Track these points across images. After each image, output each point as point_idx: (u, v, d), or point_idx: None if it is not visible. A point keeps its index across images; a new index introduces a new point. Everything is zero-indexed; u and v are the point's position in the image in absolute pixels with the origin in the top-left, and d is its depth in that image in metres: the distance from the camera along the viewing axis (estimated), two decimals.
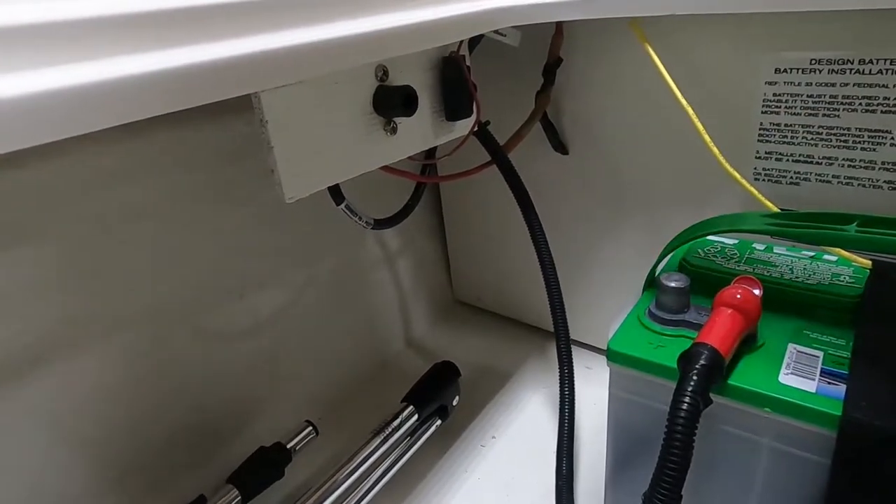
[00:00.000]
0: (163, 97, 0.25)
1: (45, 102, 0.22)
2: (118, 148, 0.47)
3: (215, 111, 0.53)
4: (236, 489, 0.52)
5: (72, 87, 0.22)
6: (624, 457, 0.44)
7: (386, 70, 0.40)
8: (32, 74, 0.22)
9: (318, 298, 0.69)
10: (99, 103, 0.23)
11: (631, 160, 0.62)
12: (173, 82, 0.26)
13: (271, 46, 0.29)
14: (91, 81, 0.23)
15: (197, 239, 0.54)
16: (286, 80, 0.32)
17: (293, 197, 0.36)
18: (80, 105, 0.23)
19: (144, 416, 0.53)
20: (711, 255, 0.46)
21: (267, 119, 0.33)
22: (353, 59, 0.34)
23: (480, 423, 0.68)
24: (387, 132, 0.41)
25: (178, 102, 0.26)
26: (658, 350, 0.38)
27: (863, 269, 0.43)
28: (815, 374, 0.35)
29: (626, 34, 0.52)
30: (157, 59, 0.25)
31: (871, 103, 0.47)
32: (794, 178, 0.52)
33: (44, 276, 0.44)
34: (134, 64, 0.24)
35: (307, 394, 0.69)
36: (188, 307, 0.55)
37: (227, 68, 0.28)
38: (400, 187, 0.68)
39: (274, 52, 0.29)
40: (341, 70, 0.35)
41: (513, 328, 0.85)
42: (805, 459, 0.34)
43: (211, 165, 0.54)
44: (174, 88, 0.26)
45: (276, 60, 0.30)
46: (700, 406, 0.32)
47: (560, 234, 0.68)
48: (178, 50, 0.27)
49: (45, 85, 0.22)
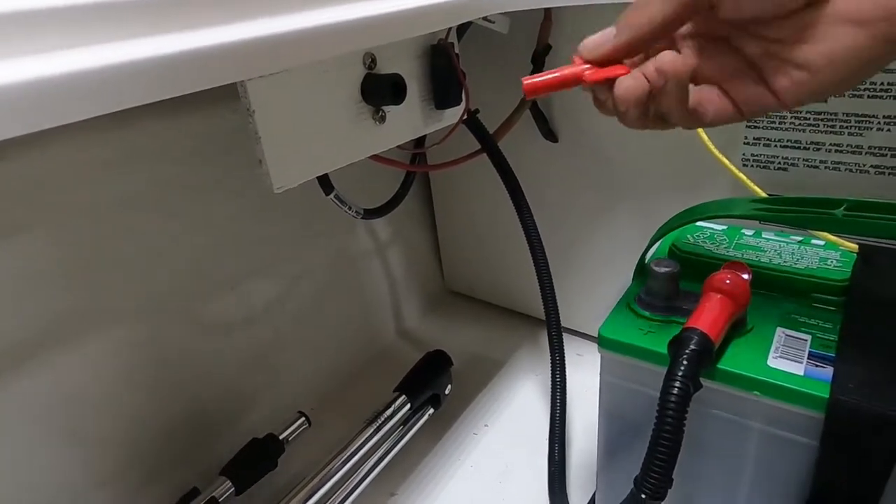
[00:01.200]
0: (148, 86, 0.25)
1: (28, 91, 0.21)
2: (108, 138, 0.47)
3: (207, 101, 0.52)
4: (229, 481, 0.52)
5: (54, 75, 0.22)
6: (615, 442, 0.44)
7: (374, 58, 0.40)
8: (15, 62, 0.22)
9: (310, 289, 0.69)
10: (82, 92, 0.23)
11: (620, 148, 0.62)
12: (158, 71, 0.25)
13: (258, 34, 0.29)
14: (74, 70, 0.22)
15: (189, 230, 0.54)
16: (273, 69, 0.31)
17: (281, 187, 0.36)
18: (63, 94, 0.22)
19: (138, 408, 0.52)
20: (701, 241, 0.46)
21: (254, 108, 0.33)
22: (341, 46, 0.34)
23: (473, 411, 0.68)
24: (375, 121, 0.41)
25: (163, 91, 0.26)
26: (648, 336, 0.39)
27: (850, 254, 0.43)
28: (803, 358, 0.35)
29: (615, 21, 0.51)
30: (141, 47, 0.25)
31: (857, 88, 0.47)
32: (782, 164, 0.53)
33: (35, 268, 0.44)
34: (118, 52, 0.24)
35: (299, 384, 0.69)
36: (181, 299, 0.55)
37: (212, 56, 0.27)
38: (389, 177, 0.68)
39: (261, 39, 0.29)
40: (329, 58, 0.35)
41: (504, 317, 0.85)
42: (794, 441, 0.34)
43: (202, 156, 0.54)
44: (159, 77, 0.25)
45: (262, 48, 0.29)
46: (690, 390, 0.32)
47: (550, 221, 0.68)
48: (164, 38, 0.26)
49: (28, 74, 0.21)
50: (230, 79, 0.29)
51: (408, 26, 0.38)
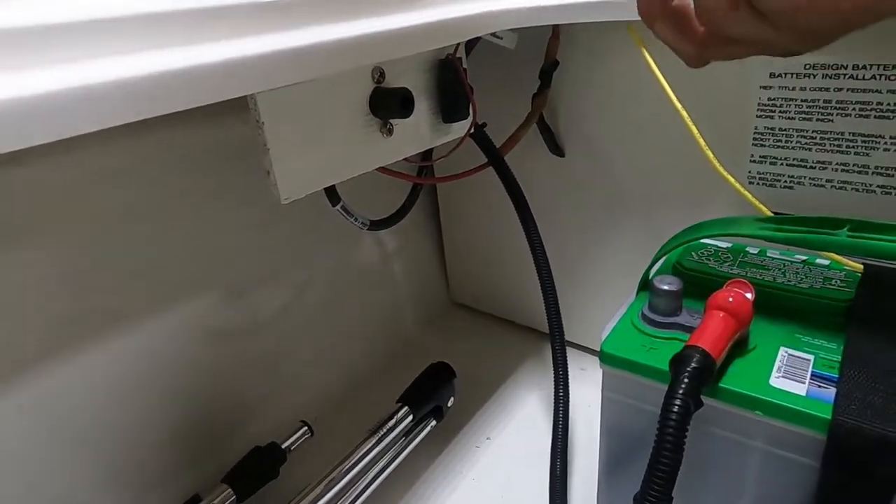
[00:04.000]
0: (159, 99, 0.26)
1: (45, 103, 0.22)
2: (118, 147, 0.47)
3: (215, 111, 0.53)
4: (231, 489, 0.52)
5: (70, 88, 0.22)
6: (616, 458, 0.44)
7: (383, 72, 0.40)
8: (33, 74, 0.22)
9: (315, 299, 0.69)
10: (96, 104, 0.23)
11: (626, 163, 0.62)
12: (170, 84, 0.26)
13: (268, 48, 0.29)
14: (89, 83, 0.23)
15: (195, 238, 0.55)
16: (283, 82, 0.32)
17: (288, 198, 0.36)
18: (78, 106, 0.23)
19: (141, 414, 0.53)
20: (705, 259, 0.46)
21: (263, 120, 0.33)
22: (350, 60, 0.35)
23: (475, 424, 0.68)
24: (383, 133, 0.42)
25: (174, 104, 0.26)
26: (650, 352, 0.39)
27: (854, 273, 0.43)
28: (806, 378, 0.35)
29: (623, 38, 0.52)
30: (153, 60, 0.25)
31: (864, 108, 0.47)
32: (788, 182, 0.53)
33: (45, 274, 0.44)
34: (130, 65, 0.24)
35: (303, 393, 0.69)
36: (186, 307, 0.55)
37: (223, 70, 0.28)
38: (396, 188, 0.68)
39: (271, 54, 0.30)
40: (338, 72, 0.35)
41: (508, 330, 0.85)
42: (795, 462, 0.34)
43: (210, 165, 0.54)
44: (171, 90, 0.26)
45: (272, 62, 0.30)
46: (691, 408, 0.32)
47: (555, 235, 0.69)
48: (175, 52, 0.27)
49: (45, 86, 0.22)
50: (241, 92, 0.30)
51: (417, 42, 0.38)
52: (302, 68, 0.32)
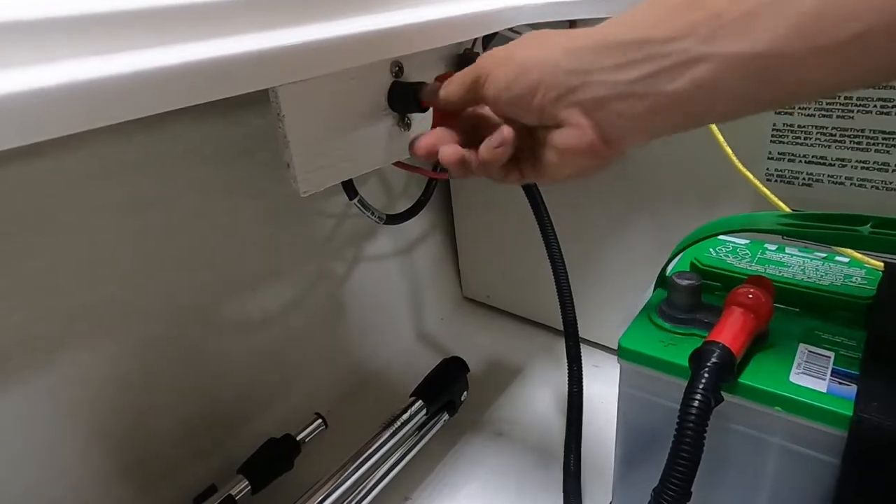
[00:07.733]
0: (183, 91, 0.26)
1: (68, 95, 0.22)
2: (135, 140, 0.48)
3: (232, 105, 0.53)
4: (246, 479, 0.52)
5: (94, 79, 0.23)
6: (633, 453, 0.44)
7: (401, 66, 0.40)
8: (58, 66, 0.23)
9: (329, 292, 0.69)
10: (118, 97, 0.24)
11: (643, 160, 0.62)
12: (193, 77, 0.26)
13: (289, 42, 0.30)
14: (111, 75, 0.23)
15: (211, 231, 0.55)
16: (303, 76, 0.32)
17: (308, 191, 0.36)
18: (101, 98, 0.23)
19: (157, 405, 0.53)
20: (723, 255, 0.46)
21: (284, 114, 0.34)
22: (369, 55, 0.35)
23: (488, 418, 0.68)
24: (401, 128, 0.42)
25: (197, 96, 0.26)
26: (669, 348, 0.38)
27: (875, 271, 0.42)
28: (826, 374, 0.35)
29: None
30: (177, 53, 0.26)
31: (885, 105, 0.47)
32: (807, 180, 0.52)
33: (60, 264, 0.45)
34: (154, 58, 0.25)
35: (317, 386, 0.70)
36: (202, 298, 0.55)
37: (245, 64, 0.28)
38: (412, 183, 0.68)
39: (292, 48, 0.30)
40: (357, 66, 0.35)
41: (521, 325, 0.85)
42: (815, 459, 0.34)
43: (226, 159, 0.55)
44: (194, 83, 0.26)
45: (293, 56, 0.30)
46: (711, 403, 0.32)
47: (570, 232, 0.68)
48: (199, 45, 0.27)
49: (67, 77, 0.22)
50: (263, 85, 0.30)
51: (435, 36, 0.39)
52: (324, 62, 0.32)
